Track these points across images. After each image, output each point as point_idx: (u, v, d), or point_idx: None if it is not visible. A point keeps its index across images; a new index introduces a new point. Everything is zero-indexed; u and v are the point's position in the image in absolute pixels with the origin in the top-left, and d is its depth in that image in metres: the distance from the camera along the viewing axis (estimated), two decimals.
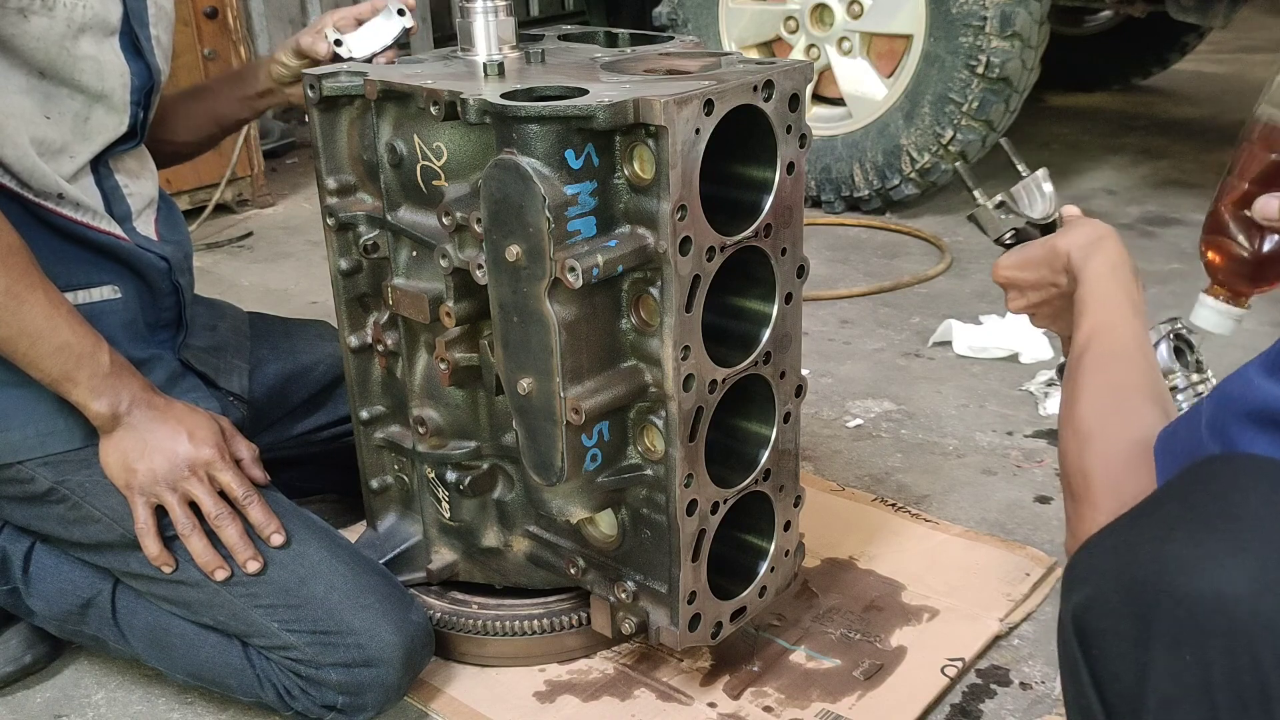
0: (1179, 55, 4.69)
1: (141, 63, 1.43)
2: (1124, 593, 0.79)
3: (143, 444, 1.34)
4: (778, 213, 1.26)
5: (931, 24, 3.19)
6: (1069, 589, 0.85)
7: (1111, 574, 0.81)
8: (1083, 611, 0.82)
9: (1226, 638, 0.71)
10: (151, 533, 1.35)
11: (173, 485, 1.34)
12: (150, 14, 1.44)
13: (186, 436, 1.35)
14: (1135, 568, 0.78)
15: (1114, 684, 0.80)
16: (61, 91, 1.34)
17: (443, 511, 1.49)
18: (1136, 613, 0.77)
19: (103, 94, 1.38)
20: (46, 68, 1.32)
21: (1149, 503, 0.84)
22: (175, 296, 1.51)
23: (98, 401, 1.31)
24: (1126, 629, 0.78)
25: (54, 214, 1.37)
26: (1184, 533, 0.77)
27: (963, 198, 1.40)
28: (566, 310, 1.17)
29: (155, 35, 1.45)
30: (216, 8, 3.53)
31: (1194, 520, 0.78)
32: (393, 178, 1.36)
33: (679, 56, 1.36)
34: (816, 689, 1.43)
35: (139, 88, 1.43)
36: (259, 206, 3.79)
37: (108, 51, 1.37)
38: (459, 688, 1.47)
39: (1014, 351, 2.40)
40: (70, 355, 1.29)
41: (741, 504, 1.35)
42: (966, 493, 1.90)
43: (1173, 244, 3.07)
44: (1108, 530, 0.85)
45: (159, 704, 1.49)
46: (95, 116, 1.38)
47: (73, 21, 1.32)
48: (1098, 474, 0.95)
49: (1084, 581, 0.84)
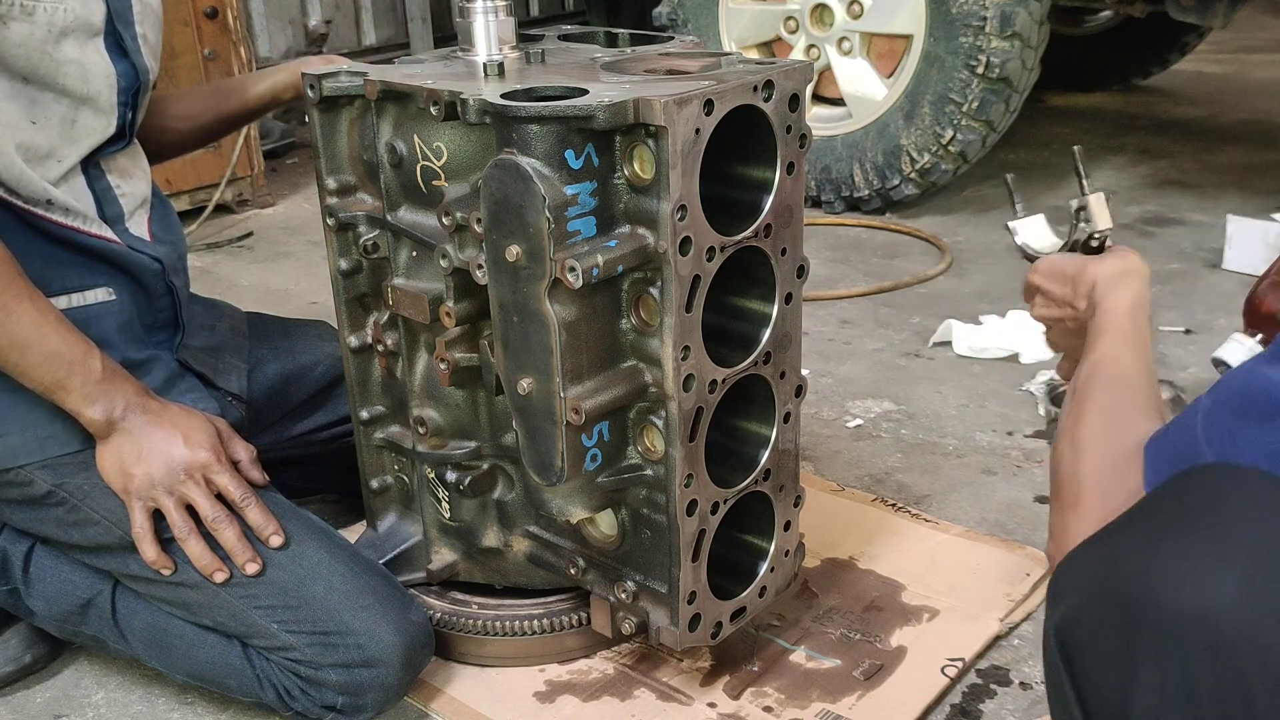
0: (1179, 55, 4.69)
1: (128, 63, 1.42)
2: (1108, 605, 0.78)
3: (138, 449, 1.33)
4: (778, 213, 1.26)
5: (931, 24, 3.19)
6: (1053, 602, 0.85)
7: (1095, 586, 0.80)
8: (1066, 624, 0.82)
9: (1211, 651, 0.71)
10: (149, 537, 1.34)
11: (169, 489, 1.34)
12: (136, 12, 1.43)
13: (182, 440, 1.34)
14: (1119, 580, 0.78)
15: (1098, 697, 0.79)
16: (46, 96, 1.34)
17: (443, 511, 1.49)
18: (1120, 626, 0.76)
19: (88, 97, 1.37)
20: (30, 73, 1.31)
21: (1132, 514, 0.83)
22: (170, 297, 1.51)
23: (91, 408, 1.31)
24: (1111, 642, 0.77)
25: (44, 220, 1.36)
26: (1168, 545, 0.76)
27: (963, 198, 1.41)
28: (566, 310, 1.17)
29: (142, 34, 1.44)
30: (216, 8, 3.53)
31: (1178, 532, 0.77)
32: (393, 178, 1.36)
33: (679, 56, 1.36)
34: (816, 689, 1.43)
35: (126, 88, 1.42)
36: (259, 206, 3.79)
37: (92, 53, 1.36)
38: (459, 688, 1.47)
39: (1014, 351, 2.41)
40: (61, 363, 1.29)
41: (741, 504, 1.35)
42: (966, 493, 1.90)
43: (1172, 244, 3.07)
44: (1091, 542, 0.85)
45: (159, 704, 1.49)
46: (82, 119, 1.38)
47: (54, 26, 1.31)
48: (1089, 480, 0.95)
49: (1067, 594, 0.83)
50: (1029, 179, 3.71)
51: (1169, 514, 0.80)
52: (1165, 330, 2.50)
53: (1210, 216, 3.20)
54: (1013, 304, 2.64)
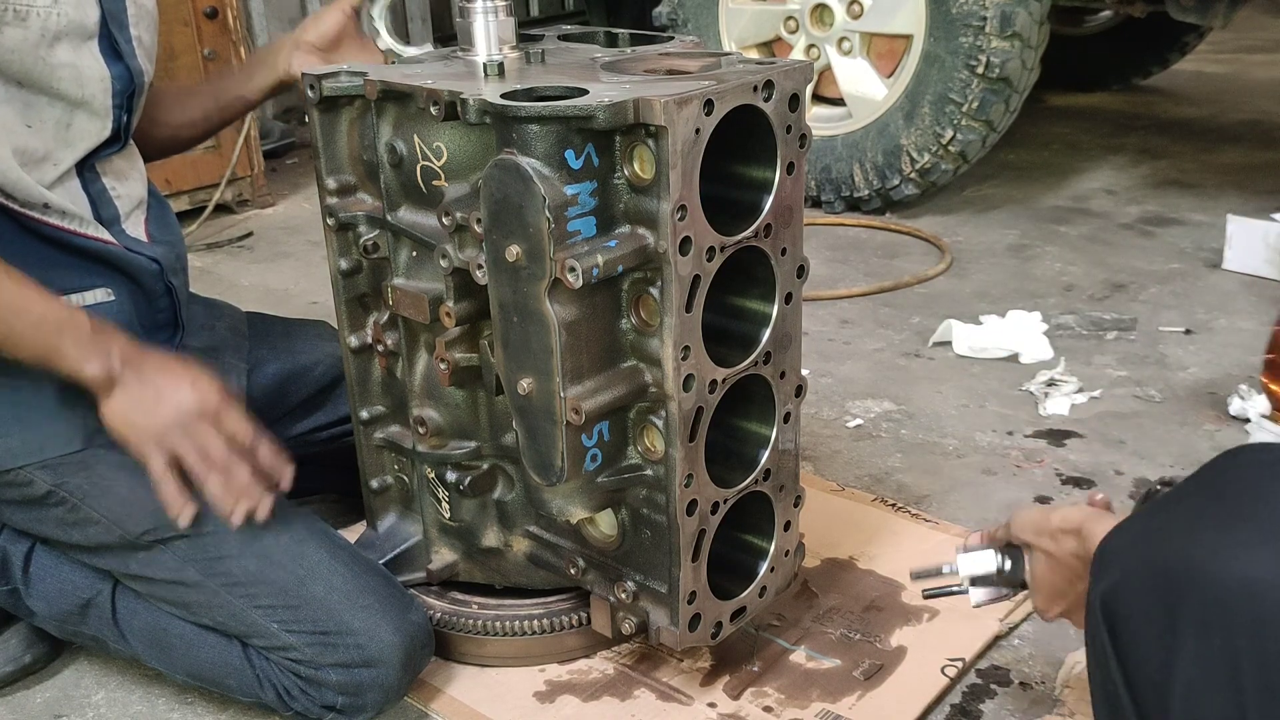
0: (1179, 55, 4.69)
1: (122, 65, 1.41)
2: (1153, 578, 0.79)
3: (144, 398, 1.31)
4: (778, 213, 1.26)
5: (931, 24, 3.19)
6: (1098, 574, 0.86)
7: (1140, 559, 0.82)
8: (1111, 596, 0.83)
9: (1255, 625, 0.72)
10: (172, 485, 1.32)
11: (185, 432, 1.31)
12: (130, 14, 1.42)
13: (189, 385, 1.32)
14: (1164, 553, 0.79)
15: (1141, 669, 0.80)
16: (40, 100, 1.34)
17: (443, 511, 1.49)
18: (1165, 598, 0.78)
19: (83, 100, 1.37)
20: (23, 77, 1.31)
21: (1177, 491, 0.85)
22: (169, 297, 1.51)
23: (89, 365, 1.29)
24: (1154, 614, 0.78)
25: (41, 223, 1.36)
26: (1212, 520, 0.78)
27: (963, 198, 1.41)
28: (566, 310, 1.17)
29: (136, 36, 1.43)
30: (216, 8, 3.52)
31: (1222, 509, 0.78)
32: (393, 178, 1.36)
33: (679, 56, 1.36)
34: (816, 689, 1.43)
35: (121, 91, 1.41)
36: (259, 206, 3.79)
37: (86, 57, 1.36)
38: (459, 688, 1.47)
39: (1014, 351, 2.40)
40: (49, 326, 1.27)
41: (741, 504, 1.35)
42: (966, 493, 1.90)
43: (1173, 244, 3.07)
44: (1137, 517, 0.87)
45: (159, 704, 1.49)
46: (77, 123, 1.38)
47: (47, 30, 1.30)
48: None
49: (1113, 566, 0.84)
50: (1029, 179, 3.71)
51: (1212, 491, 0.81)
52: (1165, 330, 2.51)
53: (1210, 216, 3.20)
54: (1013, 304, 2.64)
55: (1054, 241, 3.13)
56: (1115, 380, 2.28)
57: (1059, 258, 3.01)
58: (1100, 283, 2.82)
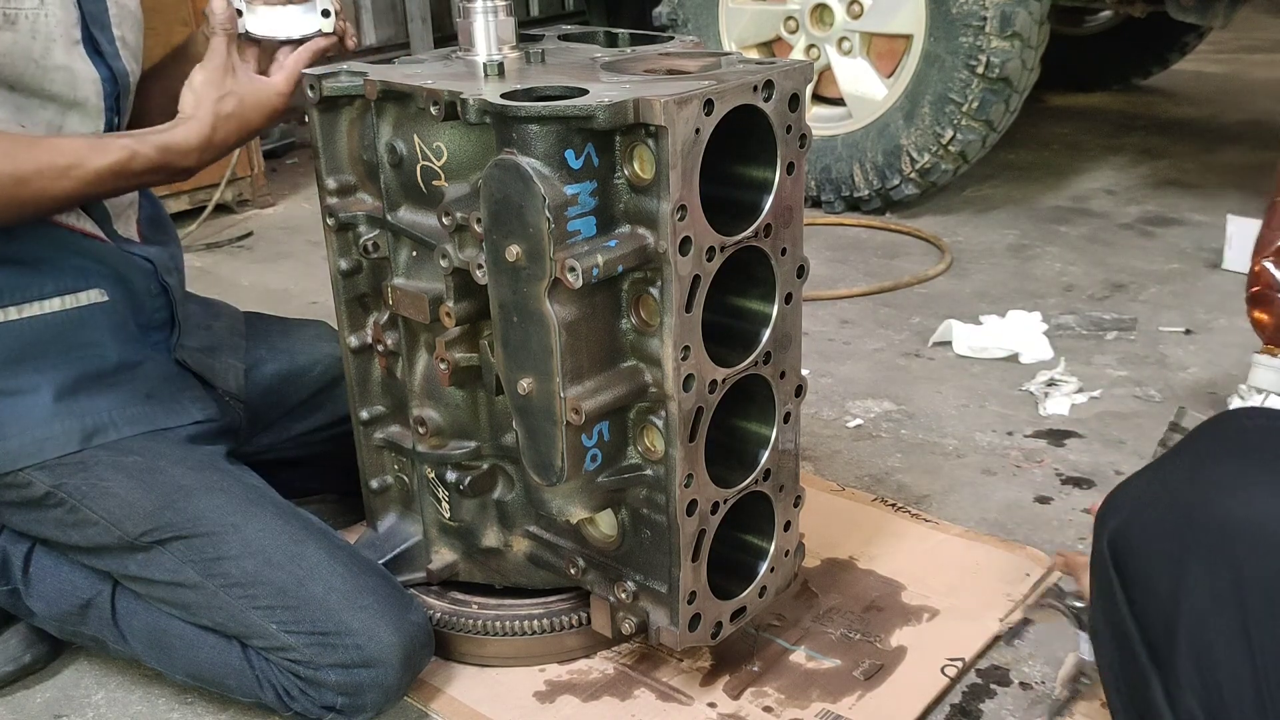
0: (1179, 55, 4.69)
1: (106, 66, 1.41)
2: (1160, 513, 0.83)
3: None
4: (778, 213, 1.26)
5: (931, 24, 3.19)
6: (1104, 520, 0.89)
7: (1149, 499, 0.85)
8: (1119, 535, 0.86)
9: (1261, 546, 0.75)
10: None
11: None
12: (112, 15, 1.42)
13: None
14: (1173, 491, 0.83)
15: (1149, 601, 0.83)
16: (33, 102, 1.34)
17: (443, 511, 1.49)
18: (1172, 530, 0.81)
19: (76, 102, 1.37)
20: (15, 80, 1.31)
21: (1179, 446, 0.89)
22: (164, 297, 1.51)
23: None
24: (1163, 547, 0.82)
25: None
26: (1219, 461, 0.82)
27: (963, 198, 1.41)
28: (566, 310, 1.17)
29: (120, 36, 1.43)
30: None
31: (1227, 451, 0.83)
32: (393, 178, 1.36)
33: (679, 56, 1.36)
34: (816, 689, 1.43)
35: (109, 93, 1.41)
36: (259, 206, 3.79)
37: (78, 59, 1.36)
38: (459, 688, 1.47)
39: (1014, 351, 2.40)
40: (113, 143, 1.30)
41: (741, 504, 1.35)
42: (966, 493, 1.90)
43: (1173, 244, 3.07)
44: (1142, 470, 0.90)
45: (159, 704, 1.49)
46: (69, 124, 1.37)
47: (38, 33, 1.30)
48: None
49: (1121, 509, 0.88)
50: (1029, 179, 3.71)
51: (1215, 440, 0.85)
52: (1165, 330, 2.51)
53: (1210, 216, 3.20)
54: (1013, 304, 2.64)
55: (1054, 241, 3.13)
56: (1115, 380, 2.28)
57: (1059, 258, 3.01)
58: (1100, 283, 2.82)
